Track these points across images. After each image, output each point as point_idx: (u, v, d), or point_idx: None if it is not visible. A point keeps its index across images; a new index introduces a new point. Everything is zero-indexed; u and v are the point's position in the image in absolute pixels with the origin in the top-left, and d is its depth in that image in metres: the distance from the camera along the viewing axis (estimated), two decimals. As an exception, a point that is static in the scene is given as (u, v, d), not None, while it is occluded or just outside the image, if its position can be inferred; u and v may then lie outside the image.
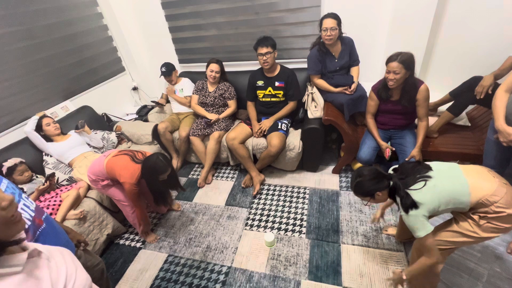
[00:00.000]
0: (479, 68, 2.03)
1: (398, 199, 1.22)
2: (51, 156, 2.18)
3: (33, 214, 0.96)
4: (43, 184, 1.89)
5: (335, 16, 2.06)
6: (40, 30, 2.33)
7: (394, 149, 1.99)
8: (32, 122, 2.15)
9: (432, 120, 2.16)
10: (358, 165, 2.36)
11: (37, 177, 2.05)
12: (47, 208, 1.81)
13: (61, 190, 1.94)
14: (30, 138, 2.13)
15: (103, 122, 2.76)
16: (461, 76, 2.04)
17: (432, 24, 2.14)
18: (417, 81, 1.78)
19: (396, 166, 1.36)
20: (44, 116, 2.23)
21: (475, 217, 1.17)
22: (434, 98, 2.17)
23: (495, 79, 1.81)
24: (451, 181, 1.18)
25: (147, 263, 1.91)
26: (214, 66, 2.52)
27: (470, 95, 1.92)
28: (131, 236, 2.13)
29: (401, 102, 1.85)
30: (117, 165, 1.75)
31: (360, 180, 1.26)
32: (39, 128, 2.16)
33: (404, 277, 1.26)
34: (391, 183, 1.24)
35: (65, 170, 2.18)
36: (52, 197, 1.88)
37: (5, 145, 2.07)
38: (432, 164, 1.26)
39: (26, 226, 0.92)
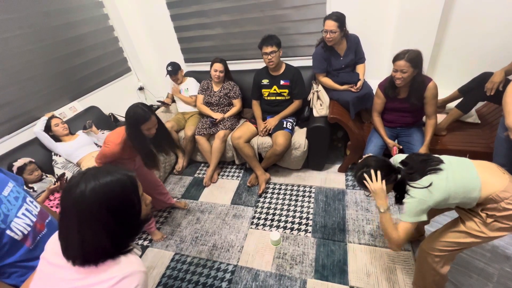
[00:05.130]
0: (489, 63, 1.98)
1: (408, 188, 1.18)
2: (60, 156, 2.22)
3: (34, 220, 0.97)
4: (54, 184, 1.93)
5: (336, 18, 2.01)
6: (48, 32, 2.37)
7: (401, 147, 1.96)
8: (41, 122, 2.19)
9: (441, 117, 2.12)
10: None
11: (47, 176, 2.09)
12: (56, 207, 1.85)
13: (70, 189, 1.97)
14: (39, 139, 2.17)
15: (110, 122, 2.79)
16: (471, 72, 2.00)
17: (440, 19, 2.10)
18: (425, 79, 1.75)
19: (404, 157, 1.30)
20: (53, 116, 2.27)
21: (483, 215, 1.14)
22: (442, 95, 2.13)
23: (506, 75, 1.76)
24: (463, 174, 1.14)
25: (154, 261, 1.93)
26: (218, 66, 2.53)
27: (480, 91, 1.88)
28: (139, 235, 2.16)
29: (409, 100, 1.82)
30: (110, 133, 1.65)
31: (366, 170, 1.21)
32: (48, 129, 2.20)
33: (381, 210, 1.20)
34: (399, 176, 1.20)
35: (74, 169, 2.22)
36: (61, 196, 1.91)
37: (16, 146, 2.11)
38: (443, 157, 1.22)
39: (26, 232, 0.94)
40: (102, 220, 0.64)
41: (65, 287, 0.66)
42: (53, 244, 0.73)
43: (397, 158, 1.33)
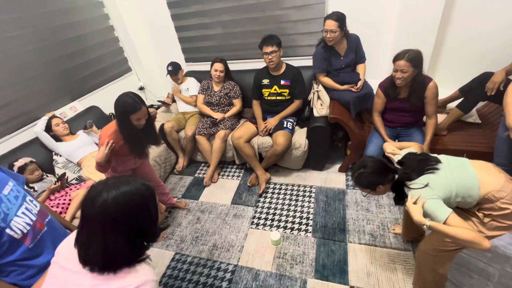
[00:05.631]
0: (490, 63, 1.98)
1: (407, 191, 1.18)
2: (60, 155, 2.23)
3: (34, 219, 0.97)
4: (55, 184, 1.93)
5: (336, 18, 2.01)
6: (49, 32, 2.37)
7: (401, 147, 1.96)
8: (42, 122, 2.19)
9: (441, 117, 2.12)
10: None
11: (47, 176, 2.09)
12: (57, 207, 1.85)
13: (71, 189, 1.98)
14: (40, 138, 2.18)
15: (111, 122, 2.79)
16: (471, 72, 2.00)
17: (441, 18, 2.10)
18: (425, 78, 1.75)
19: (401, 157, 1.29)
20: (53, 116, 2.27)
21: (480, 214, 1.15)
22: (443, 95, 2.13)
23: (507, 75, 1.76)
24: (461, 173, 1.14)
25: (155, 260, 1.93)
26: (218, 66, 2.53)
27: (481, 91, 1.87)
28: (139, 234, 2.16)
29: (409, 100, 1.82)
30: (102, 129, 1.63)
31: (362, 171, 1.21)
32: (48, 129, 2.20)
33: (427, 223, 1.06)
34: (396, 176, 1.20)
35: (74, 169, 2.22)
36: (62, 196, 1.91)
37: (16, 145, 2.12)
38: (441, 156, 1.22)
39: (25, 231, 0.94)
40: (123, 228, 0.67)
41: None
42: (66, 249, 0.74)
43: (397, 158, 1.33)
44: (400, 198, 1.24)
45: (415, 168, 1.18)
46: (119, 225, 0.66)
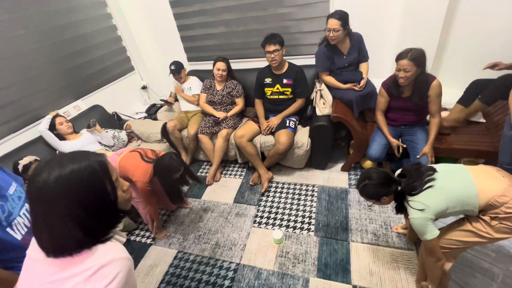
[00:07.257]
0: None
1: (406, 204, 1.22)
2: (64, 154, 2.24)
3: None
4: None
5: (339, 17, 2.00)
6: (52, 32, 2.38)
7: (405, 146, 1.95)
8: (46, 121, 2.21)
9: (444, 115, 2.10)
10: (368, 162, 2.33)
11: (51, 174, 2.10)
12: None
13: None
14: (44, 137, 2.19)
15: (114, 121, 2.81)
16: (475, 71, 1.97)
17: (445, 17, 2.08)
18: (429, 77, 1.73)
19: (400, 170, 1.34)
20: (57, 115, 2.29)
21: (486, 218, 1.15)
22: (446, 94, 2.10)
23: None
24: (457, 183, 1.16)
25: (157, 259, 1.94)
26: (221, 65, 2.53)
27: (506, 90, 1.81)
28: (142, 233, 2.17)
29: (413, 99, 1.81)
30: (129, 163, 1.79)
31: (367, 183, 1.26)
32: (52, 127, 2.22)
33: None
34: (399, 188, 1.23)
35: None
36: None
37: (21, 144, 2.13)
38: (437, 166, 1.25)
39: (23, 232, 0.95)
40: (70, 210, 0.60)
41: (43, 281, 0.63)
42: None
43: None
44: (401, 208, 1.27)
45: (416, 177, 1.21)
46: (65, 207, 0.59)
